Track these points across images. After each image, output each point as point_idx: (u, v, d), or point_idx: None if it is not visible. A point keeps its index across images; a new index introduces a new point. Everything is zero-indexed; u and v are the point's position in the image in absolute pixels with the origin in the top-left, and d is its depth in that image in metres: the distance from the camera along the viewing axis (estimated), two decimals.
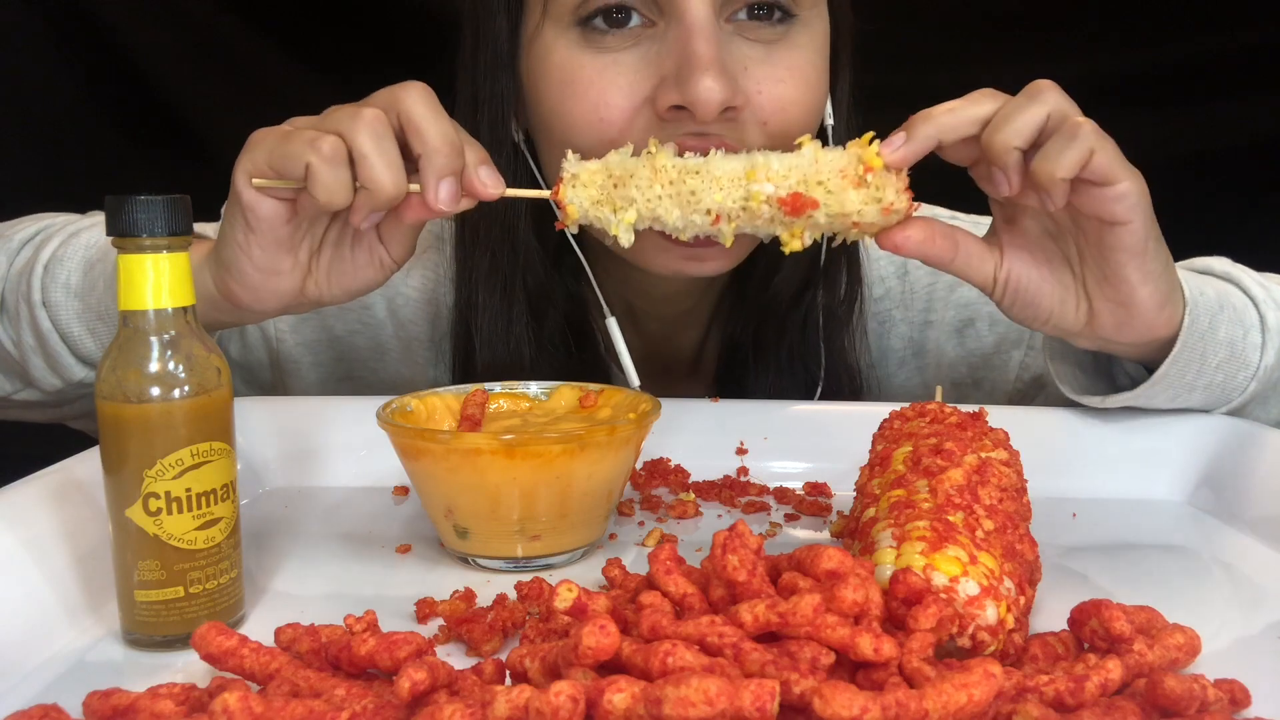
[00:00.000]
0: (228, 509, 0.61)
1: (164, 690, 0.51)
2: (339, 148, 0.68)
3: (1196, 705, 0.48)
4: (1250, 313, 0.85)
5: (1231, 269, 0.89)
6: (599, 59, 0.83)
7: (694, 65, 0.78)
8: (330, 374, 1.10)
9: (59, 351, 0.89)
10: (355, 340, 1.10)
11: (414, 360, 1.09)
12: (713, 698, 0.43)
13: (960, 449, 0.66)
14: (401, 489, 0.89)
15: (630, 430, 0.72)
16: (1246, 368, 0.84)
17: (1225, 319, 0.82)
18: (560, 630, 0.58)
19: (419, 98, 0.69)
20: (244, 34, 1.71)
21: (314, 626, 0.57)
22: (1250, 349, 0.84)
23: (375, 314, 1.09)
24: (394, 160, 0.69)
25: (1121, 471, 0.88)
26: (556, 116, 0.86)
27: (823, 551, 0.54)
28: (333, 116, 0.70)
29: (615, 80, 0.82)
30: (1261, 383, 0.85)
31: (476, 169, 0.71)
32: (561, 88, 0.85)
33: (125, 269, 0.58)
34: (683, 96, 0.78)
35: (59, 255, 0.88)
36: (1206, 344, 0.81)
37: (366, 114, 0.68)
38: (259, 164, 0.70)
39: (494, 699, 0.45)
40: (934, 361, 1.11)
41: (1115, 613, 0.54)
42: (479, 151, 0.71)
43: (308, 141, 0.67)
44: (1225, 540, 0.80)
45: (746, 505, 0.86)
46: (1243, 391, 0.85)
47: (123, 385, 0.58)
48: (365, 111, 0.69)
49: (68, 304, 0.87)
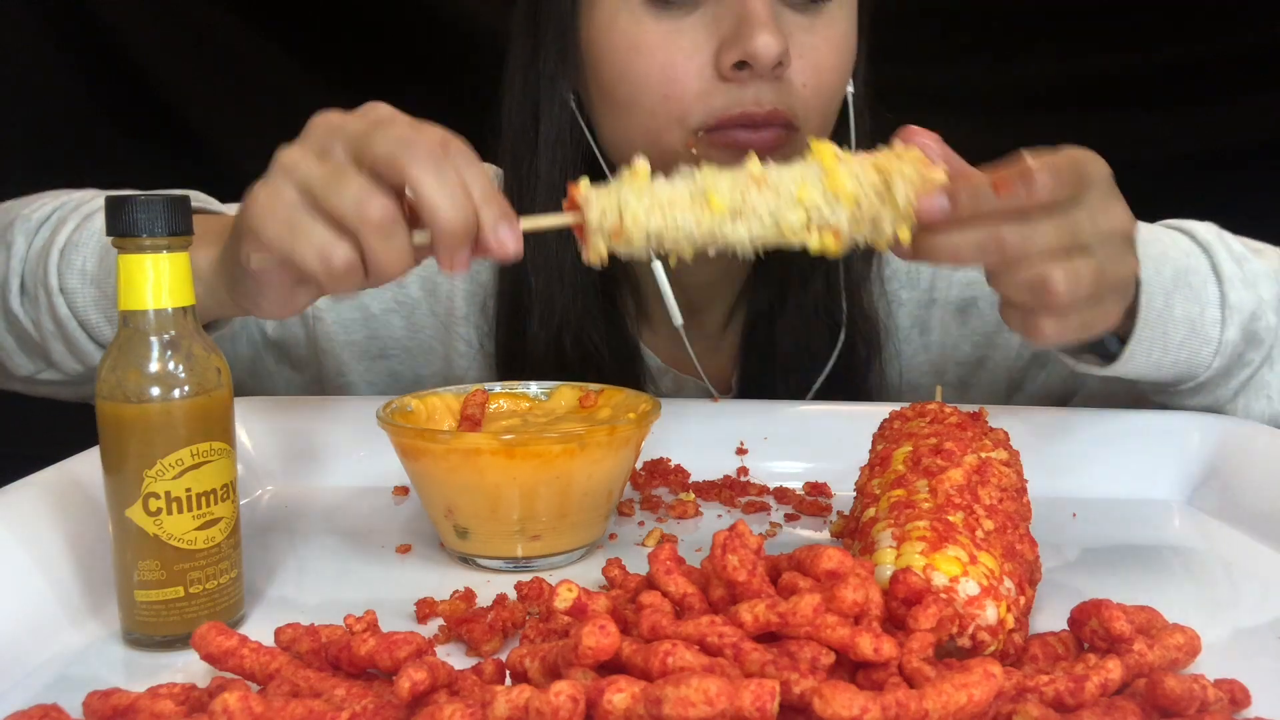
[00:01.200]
0: (228, 509, 0.61)
1: (164, 690, 0.51)
2: (389, 208, 0.61)
3: (1196, 705, 0.48)
4: (1210, 289, 0.86)
5: (1212, 238, 0.90)
6: (662, 24, 0.88)
7: (752, 22, 0.84)
8: (364, 351, 1.10)
9: (78, 337, 0.89)
10: (391, 319, 1.10)
11: (451, 336, 1.10)
12: (713, 698, 0.43)
13: (960, 449, 0.66)
14: (401, 489, 0.89)
15: (630, 430, 0.72)
16: (1208, 344, 0.86)
17: (1180, 298, 0.84)
18: (560, 630, 0.58)
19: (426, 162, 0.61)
20: (244, 33, 1.71)
21: (314, 626, 0.57)
22: (1209, 325, 0.85)
23: (410, 292, 1.09)
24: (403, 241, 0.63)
25: (1121, 471, 0.88)
26: (624, 81, 0.89)
27: (823, 551, 0.54)
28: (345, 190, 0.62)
29: (680, 44, 0.87)
30: (1226, 358, 0.87)
31: (495, 228, 0.64)
32: (629, 53, 0.89)
33: (125, 269, 0.58)
34: (743, 51, 0.84)
35: (74, 240, 0.88)
36: (1166, 323, 0.83)
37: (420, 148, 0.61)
38: (274, 244, 0.63)
39: (494, 699, 0.45)
40: (939, 339, 1.13)
41: (1115, 613, 0.54)
42: (495, 207, 0.64)
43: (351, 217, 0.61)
44: (1225, 540, 0.80)
45: (746, 505, 0.86)
46: (1208, 366, 0.87)
47: (123, 385, 0.58)
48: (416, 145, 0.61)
49: (84, 291, 0.87)
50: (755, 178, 0.66)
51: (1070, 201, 0.66)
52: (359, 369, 1.11)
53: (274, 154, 0.66)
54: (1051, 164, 0.65)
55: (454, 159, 0.62)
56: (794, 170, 0.66)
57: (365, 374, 1.11)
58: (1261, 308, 0.88)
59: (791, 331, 1.05)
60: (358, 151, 0.62)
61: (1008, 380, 1.11)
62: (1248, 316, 0.87)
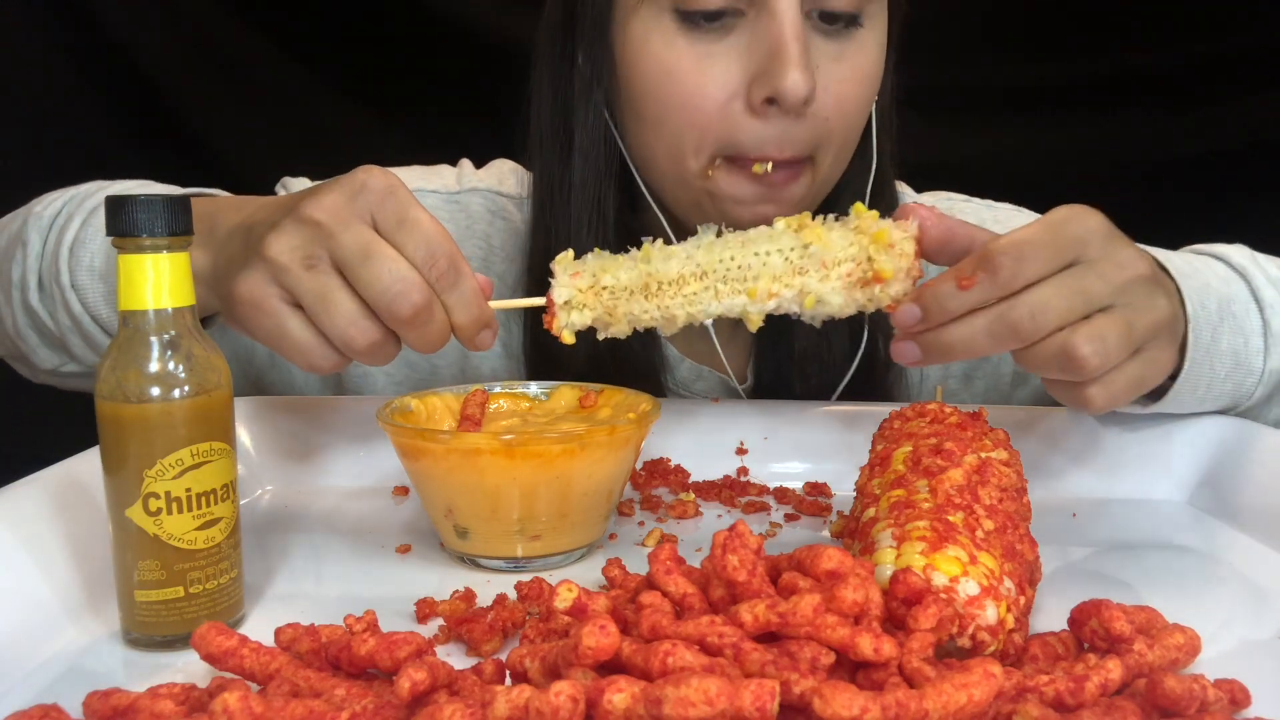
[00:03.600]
0: (228, 509, 0.61)
1: (164, 690, 0.51)
2: (377, 341, 0.68)
3: (1196, 705, 0.48)
4: (1253, 318, 0.84)
5: (1248, 264, 0.88)
6: (695, 49, 0.87)
7: (785, 59, 0.84)
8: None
9: (92, 331, 0.90)
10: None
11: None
12: (713, 698, 0.43)
13: (960, 449, 0.66)
14: (401, 489, 0.89)
15: (630, 430, 0.72)
16: (1252, 374, 0.84)
17: (1227, 329, 0.82)
18: (560, 630, 0.58)
19: (410, 316, 0.67)
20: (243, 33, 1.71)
21: (314, 626, 0.57)
22: (1253, 355, 0.84)
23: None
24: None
25: (1121, 471, 0.88)
26: (653, 101, 0.90)
27: (823, 551, 0.54)
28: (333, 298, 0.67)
29: (710, 71, 0.87)
30: (1268, 386, 0.85)
31: (473, 340, 0.71)
32: (659, 76, 0.89)
33: (125, 269, 0.58)
34: (773, 89, 0.84)
35: (81, 238, 0.89)
36: (1212, 357, 0.81)
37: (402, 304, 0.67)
38: (265, 342, 0.70)
39: (494, 699, 0.45)
40: None
41: (1115, 613, 0.54)
42: (474, 322, 0.70)
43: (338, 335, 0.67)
44: (1225, 540, 0.80)
45: (746, 505, 0.86)
46: (1250, 396, 0.86)
47: (123, 385, 0.58)
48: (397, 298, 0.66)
49: (93, 286, 0.88)
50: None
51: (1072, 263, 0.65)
52: None
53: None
54: (1019, 241, 0.65)
55: (440, 289, 0.68)
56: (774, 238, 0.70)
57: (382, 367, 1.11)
58: None
59: (809, 330, 1.04)
60: (346, 271, 0.67)
61: (1012, 375, 1.11)
62: None
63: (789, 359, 1.06)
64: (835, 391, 1.04)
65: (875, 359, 1.05)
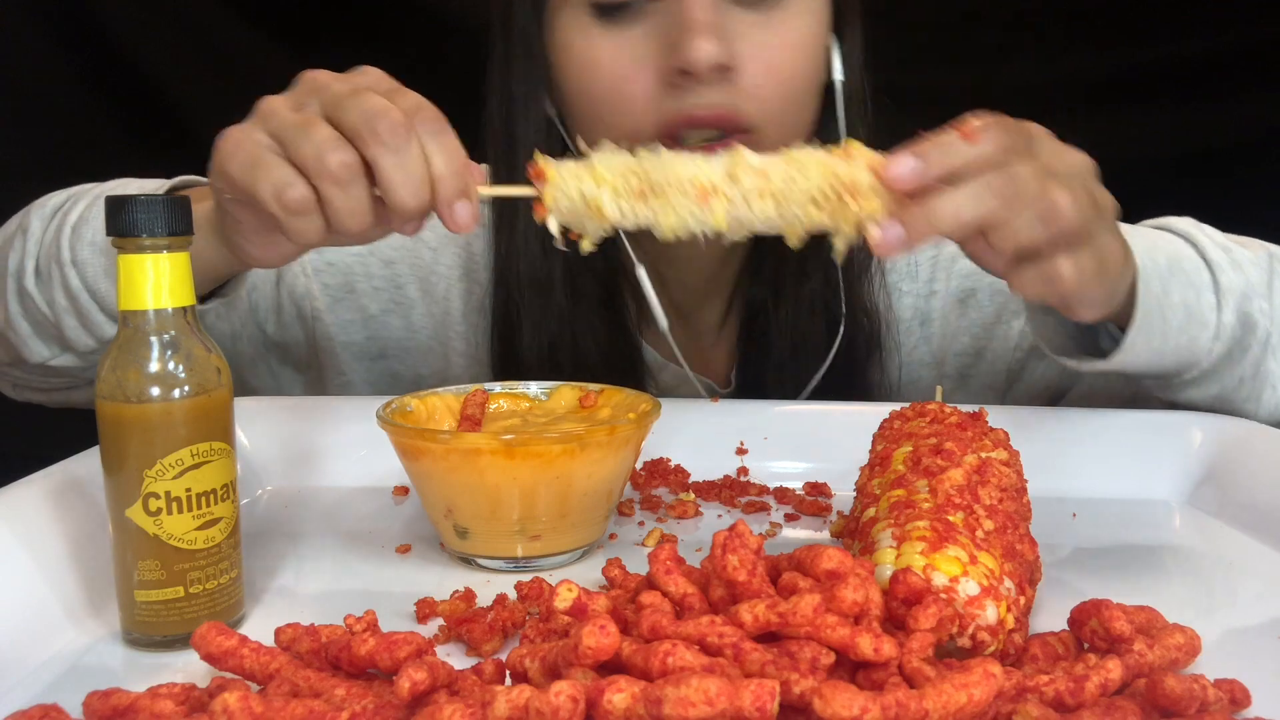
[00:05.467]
0: (228, 509, 0.61)
1: (164, 690, 0.51)
2: (350, 163, 0.63)
3: (1196, 705, 0.48)
4: (1203, 274, 0.85)
5: (1193, 230, 0.89)
6: (613, 40, 0.90)
7: (687, 28, 0.85)
8: (364, 352, 1.12)
9: (89, 309, 0.90)
10: (389, 319, 1.12)
11: (449, 335, 1.11)
12: (713, 698, 0.43)
13: (960, 449, 0.66)
14: (401, 489, 0.89)
15: (630, 430, 0.72)
16: (1206, 328, 0.85)
17: (1177, 284, 0.83)
18: (560, 630, 0.58)
19: (389, 138, 0.63)
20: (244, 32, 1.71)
21: (314, 626, 0.57)
22: (1206, 309, 0.85)
23: (407, 293, 1.11)
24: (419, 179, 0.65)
25: (1121, 471, 0.88)
26: (583, 96, 0.92)
27: (823, 551, 0.54)
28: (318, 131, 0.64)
29: (629, 57, 0.89)
30: (1226, 343, 0.86)
31: (450, 205, 0.65)
32: (584, 70, 0.91)
33: (125, 269, 0.58)
34: (680, 58, 0.85)
35: (85, 216, 0.90)
36: (1165, 309, 0.82)
37: (383, 124, 0.63)
38: (246, 191, 0.65)
39: (494, 699, 0.45)
40: (939, 330, 1.13)
41: (1115, 613, 0.54)
42: (453, 184, 0.65)
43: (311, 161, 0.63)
44: (1225, 540, 0.80)
45: (746, 505, 0.86)
46: (1209, 353, 0.86)
47: (123, 385, 0.58)
48: (379, 120, 0.63)
49: (94, 261, 0.89)
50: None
51: (1028, 148, 0.64)
52: (359, 369, 1.11)
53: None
54: (995, 119, 0.64)
55: (421, 131, 0.64)
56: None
57: (365, 374, 1.12)
58: (1250, 289, 0.87)
59: (788, 327, 1.05)
60: (331, 112, 0.65)
61: (1006, 372, 1.12)
62: (1239, 298, 0.86)
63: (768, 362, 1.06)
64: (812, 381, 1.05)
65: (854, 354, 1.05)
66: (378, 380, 1.12)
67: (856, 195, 0.63)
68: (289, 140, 0.64)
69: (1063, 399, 1.10)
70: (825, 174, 0.63)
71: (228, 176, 0.66)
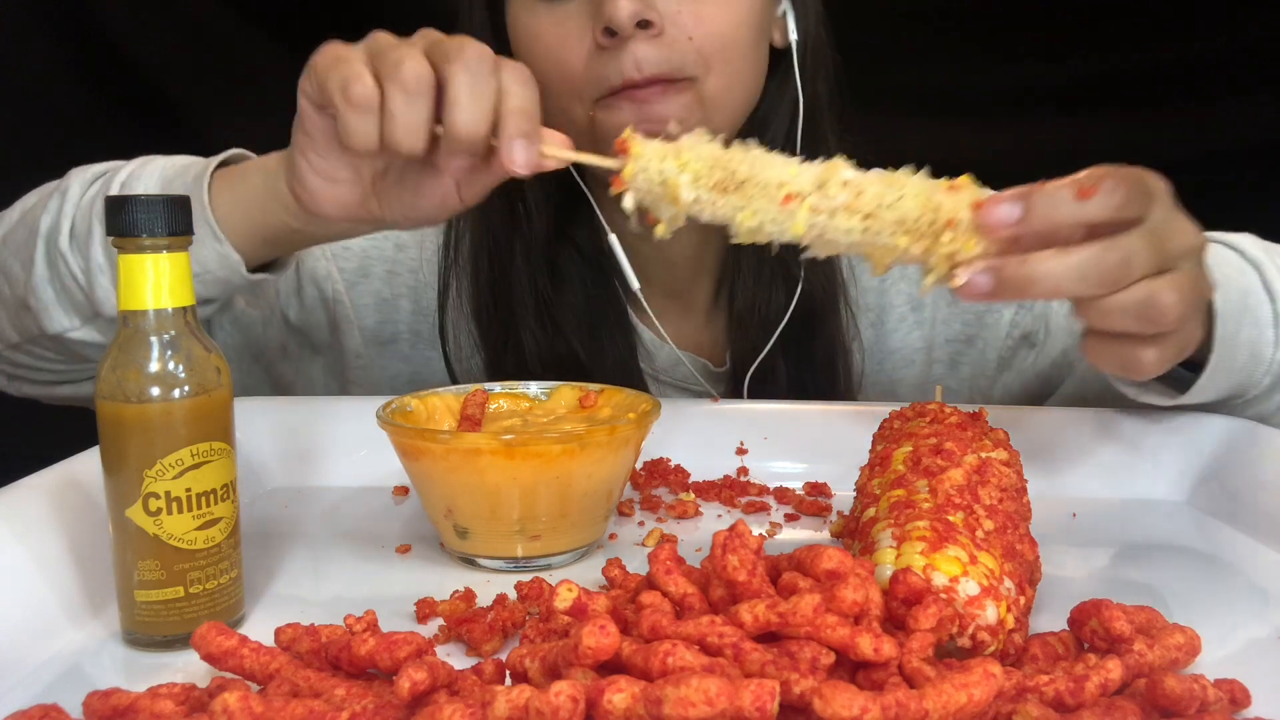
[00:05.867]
0: (228, 509, 0.61)
1: (164, 690, 0.51)
2: (423, 76, 0.66)
3: (1196, 705, 0.48)
4: (1265, 309, 0.84)
5: (1260, 254, 0.87)
6: (553, 13, 0.93)
7: None
8: (376, 336, 1.13)
9: None
10: (400, 303, 1.13)
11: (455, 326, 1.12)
12: (713, 698, 0.43)
13: (960, 449, 0.66)
14: (401, 489, 0.89)
15: (630, 430, 0.72)
16: (1262, 363, 0.84)
17: (1246, 321, 0.82)
18: (560, 630, 0.58)
19: (470, 63, 0.66)
20: (244, 32, 1.71)
21: (314, 626, 0.57)
22: (1264, 345, 0.84)
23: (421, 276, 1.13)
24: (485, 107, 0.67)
25: (1121, 471, 0.88)
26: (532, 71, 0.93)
27: (823, 551, 0.54)
28: (414, 48, 0.68)
29: (567, 28, 0.92)
30: (1275, 375, 0.85)
31: (510, 141, 0.67)
32: (529, 44, 0.95)
33: (125, 269, 0.58)
34: (603, 18, 0.87)
35: (136, 174, 0.91)
36: (1234, 349, 0.81)
37: (470, 51, 0.66)
38: (320, 85, 0.68)
39: (494, 699, 0.45)
40: (930, 316, 1.14)
41: (1115, 613, 0.54)
42: (521, 123, 0.67)
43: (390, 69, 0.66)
44: (1225, 540, 0.80)
45: (746, 505, 0.86)
46: (1258, 385, 0.86)
47: (123, 385, 0.58)
48: (468, 49, 0.66)
49: None
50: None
51: (1147, 217, 0.61)
52: (371, 354, 1.13)
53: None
54: (1118, 172, 0.59)
55: (506, 73, 0.67)
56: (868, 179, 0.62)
57: (378, 358, 1.13)
58: None
59: (747, 290, 1.07)
60: (431, 49, 0.68)
61: (997, 359, 1.12)
62: None
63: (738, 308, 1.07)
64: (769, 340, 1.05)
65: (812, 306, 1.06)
66: (389, 364, 1.13)
67: (955, 232, 0.60)
68: (378, 53, 0.68)
69: (1056, 390, 1.10)
70: (923, 202, 0.60)
71: (312, 70, 0.70)
